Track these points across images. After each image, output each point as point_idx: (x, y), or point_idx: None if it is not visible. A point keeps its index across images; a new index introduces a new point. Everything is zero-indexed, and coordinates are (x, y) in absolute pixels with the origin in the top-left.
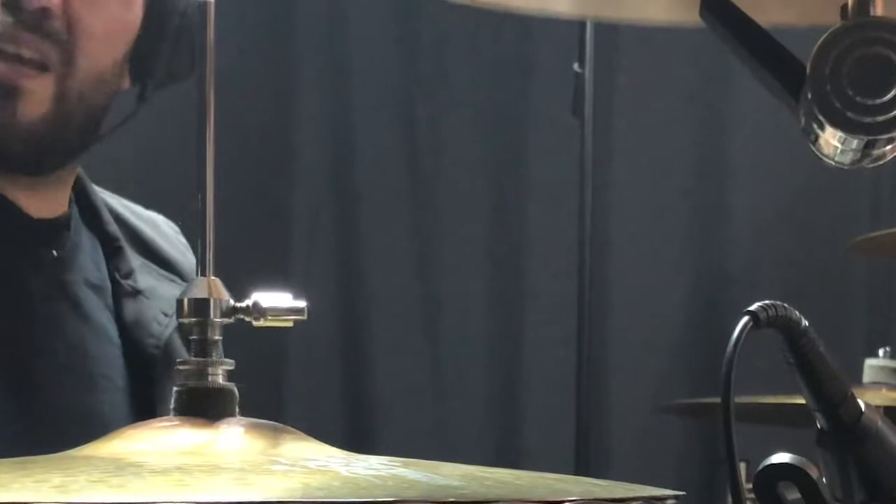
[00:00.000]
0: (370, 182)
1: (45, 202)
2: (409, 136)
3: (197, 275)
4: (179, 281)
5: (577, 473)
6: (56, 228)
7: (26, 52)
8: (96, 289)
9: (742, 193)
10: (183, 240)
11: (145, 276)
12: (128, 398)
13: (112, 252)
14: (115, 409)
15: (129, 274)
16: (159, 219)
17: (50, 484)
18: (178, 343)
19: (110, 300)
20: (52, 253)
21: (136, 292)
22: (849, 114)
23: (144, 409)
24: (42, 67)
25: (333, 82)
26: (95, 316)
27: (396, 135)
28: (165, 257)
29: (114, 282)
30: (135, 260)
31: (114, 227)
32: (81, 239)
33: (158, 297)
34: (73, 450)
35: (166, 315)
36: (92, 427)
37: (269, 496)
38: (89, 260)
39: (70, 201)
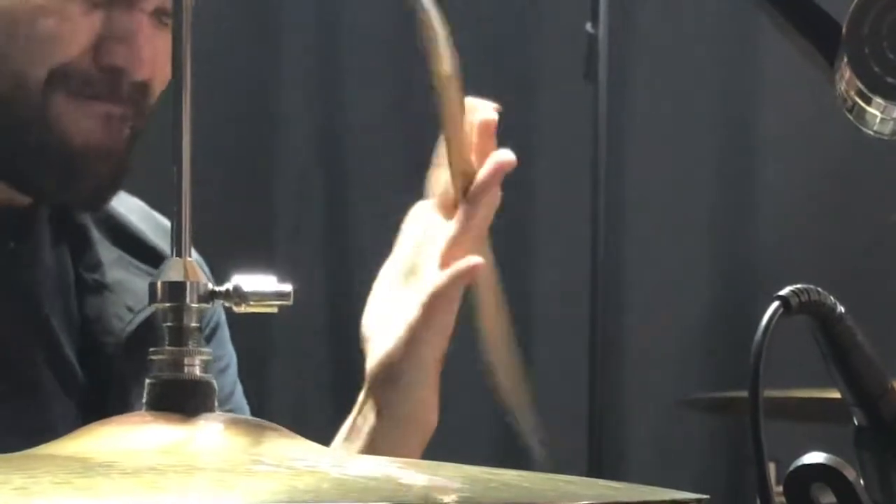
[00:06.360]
0: (361, 157)
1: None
2: (404, 106)
3: (172, 255)
4: None
5: (589, 475)
6: (18, 218)
7: (117, 111)
8: (55, 285)
9: (772, 167)
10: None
11: (117, 269)
12: (82, 402)
13: (77, 243)
14: (67, 419)
15: (94, 267)
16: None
17: (10, 486)
18: (148, 341)
19: (72, 296)
20: (10, 244)
21: (101, 286)
22: (889, 79)
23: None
24: (127, 127)
25: (322, 51)
26: (50, 315)
27: (390, 106)
28: (156, 251)
29: (77, 276)
30: (108, 252)
31: (82, 217)
32: (44, 230)
33: (126, 291)
34: (37, 448)
35: (131, 310)
36: (41, 438)
37: (251, 500)
38: (51, 253)
39: None
